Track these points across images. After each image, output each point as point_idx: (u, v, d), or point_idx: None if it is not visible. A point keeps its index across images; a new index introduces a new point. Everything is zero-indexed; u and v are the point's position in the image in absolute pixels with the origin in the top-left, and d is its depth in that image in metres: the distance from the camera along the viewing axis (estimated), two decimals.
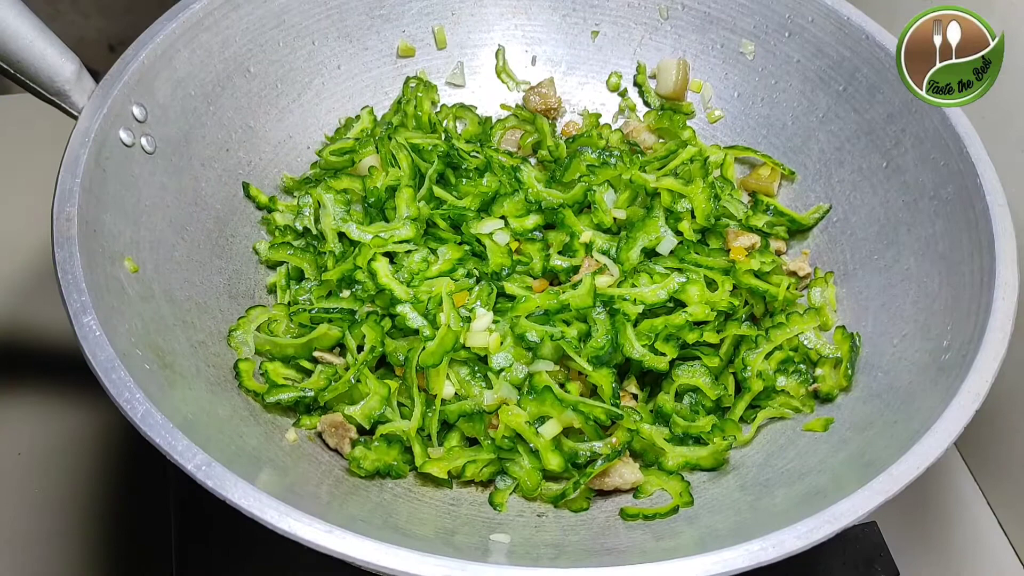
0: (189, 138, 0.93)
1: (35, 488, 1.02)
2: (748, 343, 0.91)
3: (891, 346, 0.87)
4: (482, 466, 0.84)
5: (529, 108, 1.15)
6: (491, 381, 0.84)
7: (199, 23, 0.93)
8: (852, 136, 1.00)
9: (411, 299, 0.87)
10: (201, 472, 0.62)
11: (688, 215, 0.97)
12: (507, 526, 0.80)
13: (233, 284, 0.95)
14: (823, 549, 0.65)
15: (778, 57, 1.06)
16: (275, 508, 0.60)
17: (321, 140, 1.08)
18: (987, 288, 0.77)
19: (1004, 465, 1.05)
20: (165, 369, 0.75)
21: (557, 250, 0.98)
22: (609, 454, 0.83)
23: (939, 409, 0.70)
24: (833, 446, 0.81)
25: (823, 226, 1.03)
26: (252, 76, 1.01)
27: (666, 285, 0.90)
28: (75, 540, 0.98)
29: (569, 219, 0.97)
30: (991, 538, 1.05)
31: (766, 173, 1.06)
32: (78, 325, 0.68)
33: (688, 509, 0.80)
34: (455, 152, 1.02)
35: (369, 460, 0.81)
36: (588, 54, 1.17)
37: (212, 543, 0.90)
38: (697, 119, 1.14)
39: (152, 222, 0.85)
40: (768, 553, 0.61)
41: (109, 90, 0.83)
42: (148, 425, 0.64)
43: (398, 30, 1.12)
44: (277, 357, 0.89)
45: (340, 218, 0.96)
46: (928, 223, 0.89)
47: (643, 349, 0.86)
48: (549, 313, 0.86)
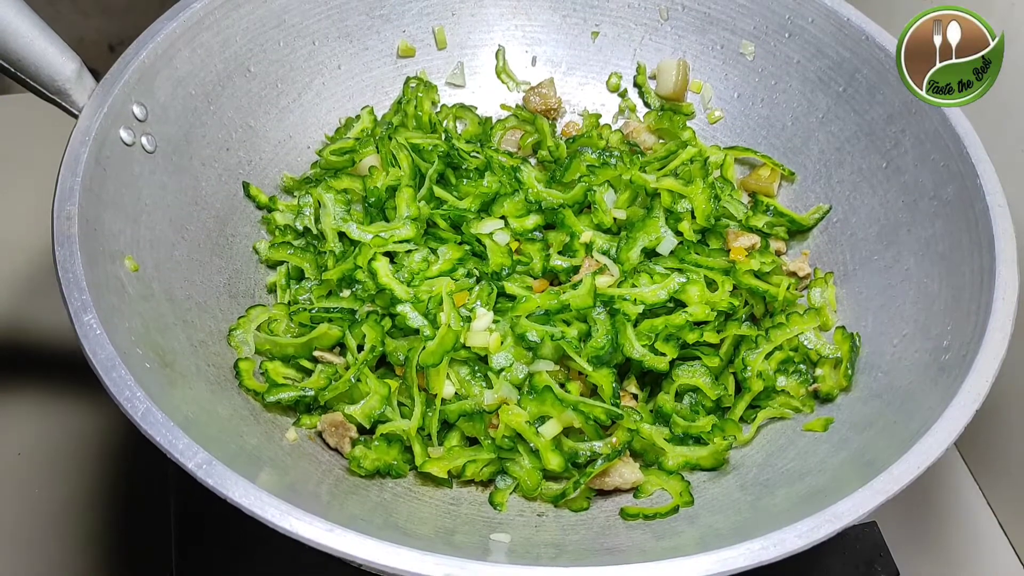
0: (189, 137, 0.93)
1: (35, 488, 1.02)
2: (748, 343, 0.91)
3: (891, 346, 0.87)
4: (482, 466, 0.84)
5: (529, 108, 1.15)
6: (491, 381, 0.84)
7: (200, 22, 0.93)
8: (852, 137, 1.00)
9: (411, 299, 0.87)
10: (202, 471, 0.62)
11: (688, 215, 0.97)
12: (507, 525, 0.80)
13: (233, 283, 0.95)
14: (823, 549, 0.65)
15: (778, 58, 1.06)
16: (276, 507, 0.60)
17: (321, 140, 1.08)
18: (987, 288, 0.77)
19: (1004, 465, 1.05)
20: (165, 368, 0.74)
21: (557, 250, 0.98)
22: (609, 454, 0.83)
23: (939, 409, 0.70)
24: (833, 446, 0.81)
25: (823, 227, 1.03)
26: (252, 76, 1.01)
27: (666, 285, 0.90)
28: (75, 540, 0.98)
29: (569, 219, 0.98)
30: (991, 538, 1.06)
31: (766, 174, 1.06)
32: (78, 324, 0.68)
33: (688, 509, 0.80)
34: (455, 152, 1.02)
35: (369, 459, 0.81)
36: (588, 55, 1.17)
37: (212, 543, 0.90)
38: (697, 120, 1.14)
39: (152, 221, 0.85)
40: (769, 552, 0.61)
41: (110, 89, 0.83)
42: (149, 424, 0.64)
43: (398, 30, 1.12)
44: (277, 356, 0.89)
45: (340, 218, 0.96)
46: (928, 223, 0.89)
47: (643, 349, 0.86)
48: (549, 313, 0.86)
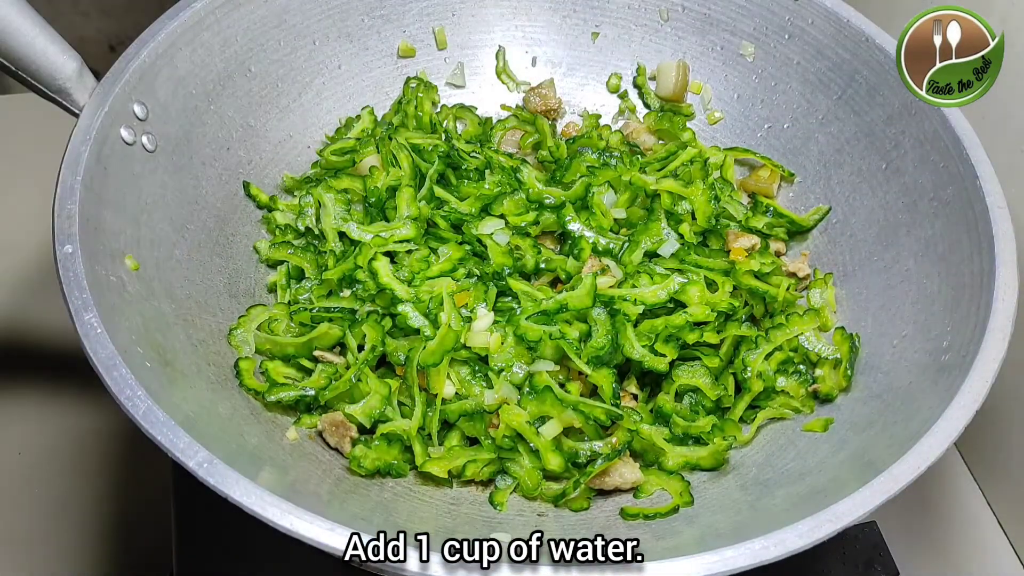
0: (190, 137, 0.93)
1: (35, 488, 1.02)
2: (748, 344, 0.91)
3: (891, 347, 0.87)
4: (482, 465, 0.84)
5: (529, 109, 1.15)
6: (492, 381, 0.84)
7: (200, 22, 0.93)
8: (852, 138, 1.00)
9: (412, 299, 0.87)
10: (203, 470, 0.62)
11: (688, 217, 0.97)
12: (507, 525, 0.79)
13: (233, 283, 0.95)
14: (823, 549, 0.65)
15: (778, 59, 1.06)
16: (276, 506, 0.60)
17: (321, 140, 1.09)
18: (987, 289, 0.78)
19: (1004, 465, 1.06)
20: (166, 367, 0.74)
21: (554, 247, 0.98)
22: (609, 454, 0.83)
23: (939, 409, 0.70)
24: (833, 446, 0.81)
25: (823, 227, 1.03)
26: (253, 75, 1.01)
27: (666, 286, 0.90)
28: (75, 540, 0.98)
29: (569, 213, 0.97)
30: (991, 538, 1.06)
31: (766, 175, 1.07)
32: (79, 323, 0.68)
33: (688, 509, 0.80)
34: (455, 152, 1.02)
35: (369, 459, 0.81)
36: (588, 55, 1.18)
37: (212, 543, 0.89)
38: (697, 121, 1.14)
39: (153, 220, 0.85)
40: (769, 552, 0.61)
41: (110, 88, 0.83)
42: (150, 423, 0.64)
43: (399, 30, 1.12)
44: (278, 356, 0.89)
45: (340, 217, 0.96)
46: (928, 224, 0.89)
47: (643, 350, 0.86)
48: (549, 313, 0.86)
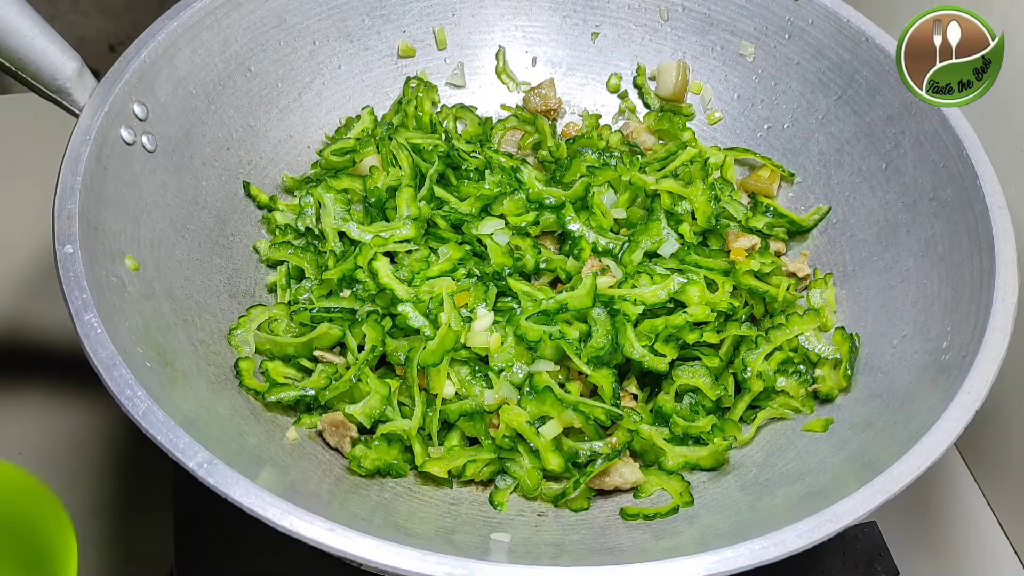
0: (190, 137, 0.93)
1: None
2: (748, 344, 0.91)
3: (891, 347, 0.87)
4: (482, 465, 0.84)
5: (529, 109, 1.15)
6: (492, 381, 0.84)
7: (200, 22, 0.93)
8: (852, 138, 1.00)
9: (412, 299, 0.87)
10: (203, 470, 0.62)
11: (688, 217, 0.97)
12: (507, 525, 0.80)
13: (233, 283, 0.95)
14: (823, 549, 0.66)
15: (778, 59, 1.06)
16: (277, 506, 0.60)
17: (322, 140, 1.08)
18: (987, 289, 0.78)
19: (1004, 465, 1.06)
20: (166, 367, 0.74)
21: (555, 247, 0.98)
22: (609, 454, 0.83)
23: (939, 409, 0.70)
24: (833, 446, 0.81)
25: (823, 227, 1.03)
26: (253, 75, 1.01)
27: (666, 286, 0.90)
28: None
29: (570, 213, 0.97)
30: (991, 538, 1.06)
31: (766, 175, 1.07)
32: (79, 323, 0.68)
33: (688, 509, 0.80)
34: (455, 152, 1.02)
35: (369, 459, 0.81)
36: (588, 55, 1.17)
37: (212, 543, 0.89)
38: (697, 121, 1.14)
39: (153, 220, 0.85)
40: (769, 552, 0.61)
41: (110, 88, 0.83)
42: (150, 423, 0.64)
43: (399, 30, 1.12)
44: (278, 356, 0.89)
45: (340, 217, 0.95)
46: (927, 224, 0.89)
47: (643, 350, 0.86)
48: (549, 313, 0.86)
